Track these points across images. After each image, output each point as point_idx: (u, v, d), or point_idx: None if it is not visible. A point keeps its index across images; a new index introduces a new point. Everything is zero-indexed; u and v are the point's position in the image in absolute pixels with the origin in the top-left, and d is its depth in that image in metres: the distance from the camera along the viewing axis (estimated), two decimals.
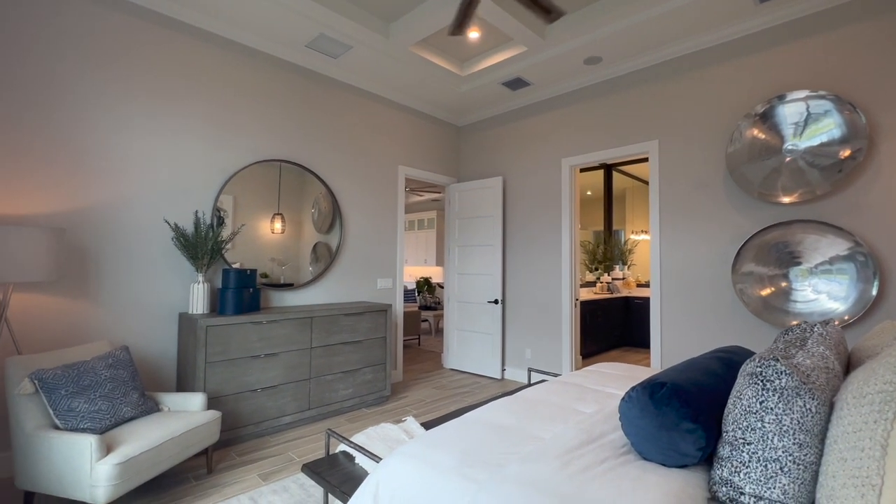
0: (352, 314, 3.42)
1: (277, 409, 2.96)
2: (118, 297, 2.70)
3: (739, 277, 2.96)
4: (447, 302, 4.93)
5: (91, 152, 2.62)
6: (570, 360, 4.03)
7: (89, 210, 2.61)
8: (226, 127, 3.20)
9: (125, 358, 2.32)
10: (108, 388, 2.13)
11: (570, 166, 4.12)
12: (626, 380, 2.14)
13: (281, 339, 2.99)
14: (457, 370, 4.82)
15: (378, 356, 3.61)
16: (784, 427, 0.96)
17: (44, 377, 1.96)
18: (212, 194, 3.13)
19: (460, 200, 4.89)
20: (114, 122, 2.70)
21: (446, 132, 5.01)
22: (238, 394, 2.78)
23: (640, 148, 3.64)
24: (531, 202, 4.40)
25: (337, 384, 3.31)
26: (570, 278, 4.06)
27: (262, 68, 3.41)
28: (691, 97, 3.36)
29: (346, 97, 4.00)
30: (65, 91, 2.53)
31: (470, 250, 4.76)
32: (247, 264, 3.25)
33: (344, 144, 3.97)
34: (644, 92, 3.63)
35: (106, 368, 2.18)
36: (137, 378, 2.31)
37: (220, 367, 2.70)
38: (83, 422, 1.97)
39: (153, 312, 2.84)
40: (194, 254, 2.85)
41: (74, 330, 2.55)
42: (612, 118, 3.84)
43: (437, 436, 1.43)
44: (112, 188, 2.69)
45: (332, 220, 3.80)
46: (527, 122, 4.50)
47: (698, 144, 3.30)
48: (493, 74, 4.01)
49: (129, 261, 2.76)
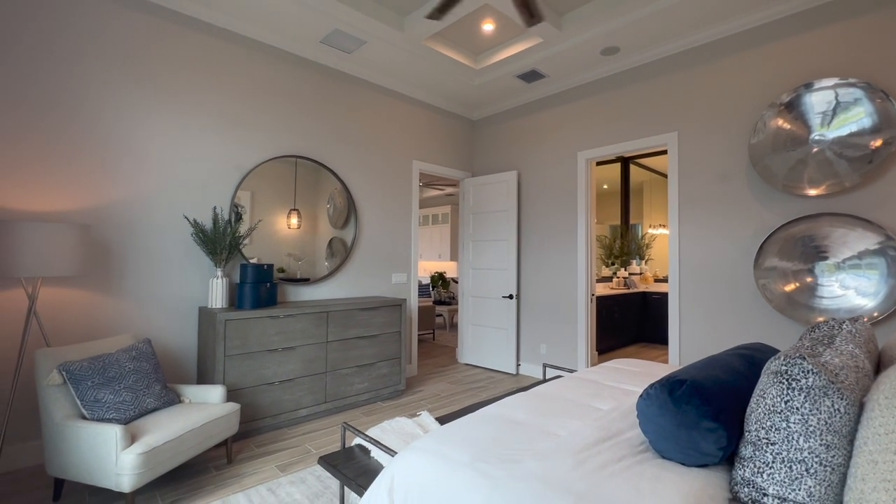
0: (367, 309, 3.45)
1: (294, 402, 3.01)
2: (140, 292, 2.78)
3: (762, 273, 2.88)
4: (461, 297, 4.93)
5: (113, 150, 2.68)
6: (585, 355, 3.99)
7: (112, 206, 2.68)
8: (242, 123, 3.24)
9: (147, 351, 2.38)
10: (132, 380, 2.19)
11: (587, 160, 4.06)
12: (643, 376, 2.11)
13: (298, 334, 3.03)
14: (471, 365, 4.82)
15: (393, 350, 3.63)
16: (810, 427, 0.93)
17: (71, 369, 2.03)
18: (229, 190, 3.18)
19: (474, 195, 4.86)
20: (134, 120, 2.76)
21: (460, 126, 4.98)
22: (256, 386, 2.83)
23: (658, 140, 3.56)
24: (546, 196, 4.35)
25: (352, 378, 3.34)
26: (586, 273, 4.01)
27: (277, 65, 3.44)
28: (712, 87, 3.26)
29: (360, 92, 4.00)
30: (86, 90, 2.59)
31: (484, 245, 4.74)
32: (264, 259, 3.30)
33: (358, 139, 3.99)
34: (663, 82, 3.54)
35: (130, 361, 2.24)
36: (159, 370, 2.37)
37: (238, 361, 2.75)
38: (109, 412, 2.03)
39: (174, 306, 2.91)
40: (213, 249, 2.90)
41: (99, 323, 2.62)
42: (629, 110, 3.76)
43: (452, 431, 1.43)
44: (133, 185, 2.76)
45: (348, 215, 3.82)
46: (542, 115, 4.44)
47: (719, 136, 3.21)
48: (508, 67, 3.96)
49: (151, 256, 2.82)
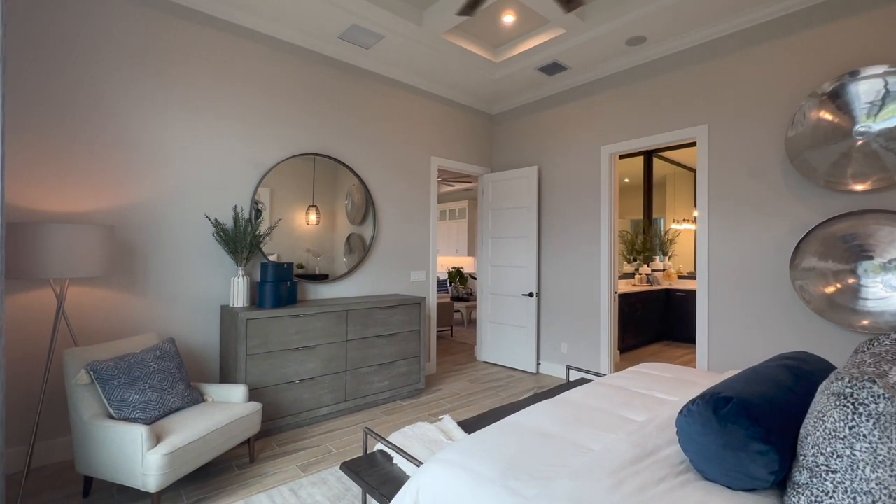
0: (386, 307, 3.42)
1: (315, 401, 3.01)
2: (164, 291, 2.80)
3: (799, 273, 2.73)
4: (480, 294, 4.87)
5: (135, 150, 2.70)
6: (608, 355, 3.90)
7: (135, 206, 2.70)
8: (262, 122, 3.23)
9: (171, 350, 2.39)
10: (157, 380, 2.21)
11: (610, 154, 3.93)
12: (674, 383, 2.02)
13: (318, 332, 3.03)
14: (490, 363, 4.77)
15: (412, 349, 3.60)
16: (879, 457, 0.85)
17: (98, 368, 2.05)
18: (249, 189, 3.17)
19: (493, 191, 4.78)
20: (154, 121, 2.77)
21: (479, 121, 4.89)
22: (277, 385, 2.83)
23: (686, 134, 3.41)
24: (568, 192, 4.24)
25: (372, 377, 3.33)
26: (609, 271, 3.90)
27: (295, 62, 3.41)
28: (745, 77, 3.10)
29: (377, 88, 3.95)
30: (106, 90, 2.60)
31: (504, 242, 4.66)
32: (283, 255, 3.30)
33: (376, 136, 3.94)
34: (692, 73, 3.38)
35: (154, 360, 2.26)
36: (183, 369, 2.39)
37: (259, 360, 2.76)
38: (134, 412, 2.05)
39: (196, 305, 2.93)
40: (234, 248, 2.91)
41: (125, 322, 2.66)
42: (655, 102, 3.61)
43: (479, 442, 1.39)
44: (156, 185, 2.77)
45: (366, 211, 3.79)
46: (563, 108, 4.31)
47: (752, 128, 3.06)
48: (529, 60, 3.85)
49: (173, 255, 2.84)
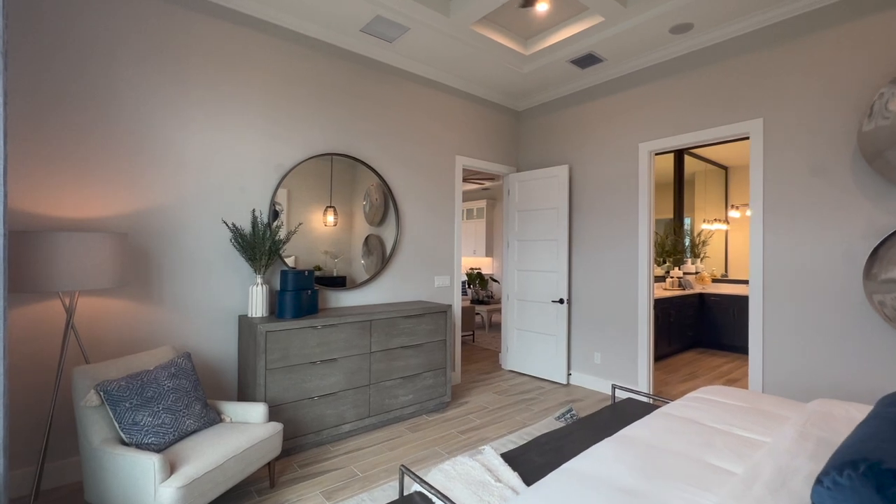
0: (411, 316, 3.22)
1: (337, 417, 2.83)
2: (179, 301, 2.65)
3: (878, 285, 2.44)
4: (506, 300, 4.64)
5: (149, 153, 2.54)
6: (647, 367, 3.63)
7: (148, 212, 2.55)
8: (281, 121, 3.06)
9: (187, 367, 2.23)
10: (171, 400, 2.04)
11: (649, 152, 3.66)
12: (753, 415, 1.77)
13: (340, 344, 2.84)
14: (516, 372, 4.54)
15: (438, 360, 3.40)
16: None
17: (108, 389, 1.90)
18: (268, 192, 3.01)
19: (520, 191, 4.54)
20: (170, 121, 2.61)
21: (505, 118, 4.66)
22: (298, 401, 2.66)
23: (738, 129, 3.13)
24: (601, 192, 3.99)
25: (397, 390, 3.14)
26: (648, 276, 3.63)
27: (316, 57, 3.23)
28: (808, 65, 2.81)
29: (400, 84, 3.75)
30: (123, 91, 2.45)
31: (531, 245, 4.42)
32: (301, 257, 3.13)
33: (398, 134, 3.74)
34: (745, 62, 3.10)
35: (168, 378, 2.10)
36: (199, 387, 2.22)
37: (279, 374, 2.59)
38: (147, 436, 1.89)
39: (213, 316, 2.77)
40: (252, 255, 2.74)
41: (138, 334, 2.51)
42: (702, 95, 3.33)
43: (548, 501, 1.17)
44: (170, 189, 2.62)
45: (384, 212, 3.60)
46: (596, 104, 4.05)
47: (816, 122, 2.77)
48: (562, 52, 3.60)
49: (189, 263, 2.69)
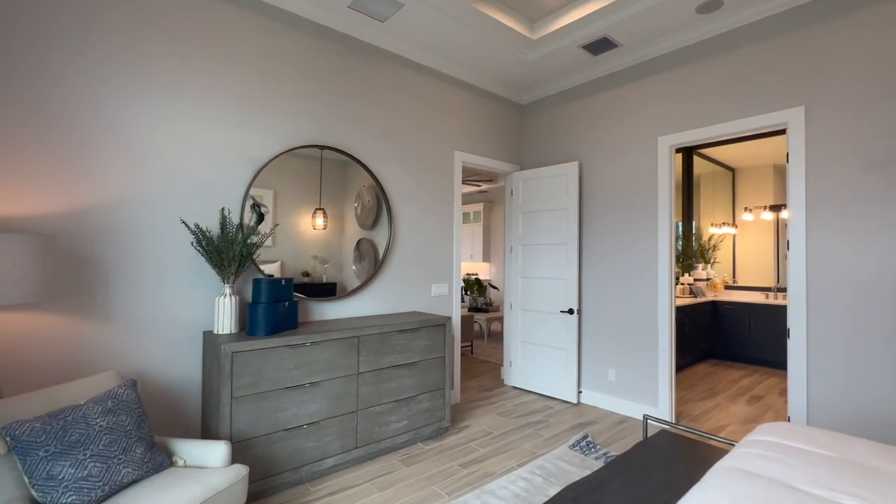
0: (406, 331, 2.83)
1: (319, 451, 2.41)
2: (130, 316, 2.23)
3: None
4: (508, 310, 4.25)
5: (94, 140, 2.13)
6: (669, 386, 3.26)
7: (93, 210, 2.13)
8: (255, 108, 2.66)
9: (129, 398, 1.81)
10: (104, 443, 1.63)
11: (670, 146, 3.31)
12: (848, 469, 1.39)
13: (323, 365, 2.44)
14: (521, 389, 4.15)
15: (436, 380, 3.00)
16: None
17: (17, 434, 1.48)
18: (241, 188, 2.60)
19: (525, 191, 4.17)
20: (123, 103, 2.20)
21: (507, 112, 4.30)
22: (271, 434, 2.24)
23: (774, 119, 2.79)
24: (616, 192, 3.62)
25: (388, 416, 2.73)
26: (669, 284, 3.27)
27: (298, 36, 2.84)
28: (861, 44, 2.47)
29: (392, 70, 3.37)
30: (63, 67, 2.04)
31: (537, 250, 4.05)
32: (289, 262, 2.73)
33: (392, 126, 3.36)
34: (783, 44, 2.76)
35: (102, 415, 1.68)
36: (144, 424, 1.81)
37: (248, 403, 2.17)
38: (67, 494, 1.47)
39: (174, 333, 2.35)
40: (219, 261, 2.33)
41: (74, 358, 2.08)
42: (730, 83, 2.99)
43: None
44: (121, 183, 2.21)
45: (377, 214, 3.21)
46: (609, 94, 3.70)
47: (870, 110, 2.42)
48: (573, 35, 3.25)
49: (144, 271, 2.27)
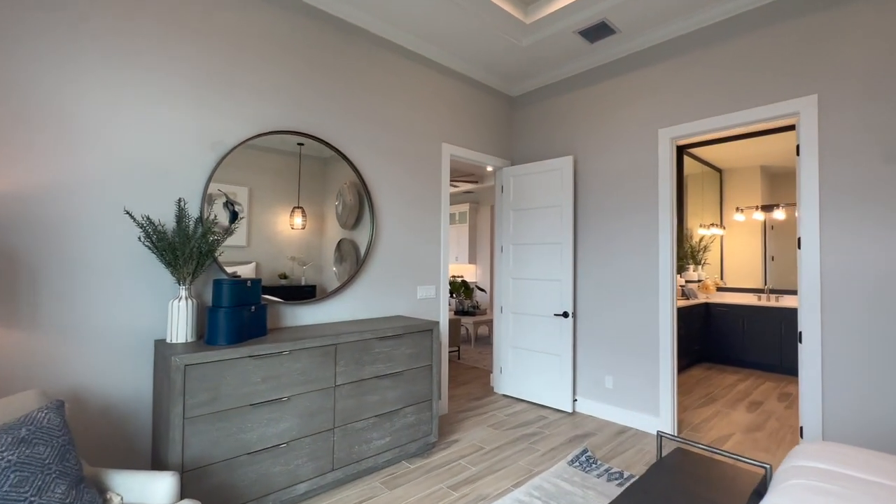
0: (389, 337, 2.55)
1: (289, 476, 2.11)
2: (64, 322, 1.89)
3: None
4: (498, 313, 4.01)
5: (23, 116, 1.80)
6: (670, 393, 3.05)
7: (17, 197, 1.80)
8: (220, 86, 2.36)
9: (52, 424, 1.49)
10: (12, 483, 1.31)
11: (671, 139, 3.12)
12: None
13: (294, 377, 2.14)
14: (512, 398, 3.91)
15: (422, 391, 2.73)
16: None
17: None
18: (202, 176, 2.29)
19: (516, 187, 3.94)
20: (61, 77, 1.88)
21: (497, 103, 4.07)
22: (233, 459, 1.94)
23: (784, 108, 2.62)
24: (614, 188, 3.42)
25: (370, 433, 2.44)
26: (671, 286, 3.07)
27: (268, 8, 2.55)
28: (881, 28, 2.32)
29: (375, 54, 3.10)
30: None
31: (529, 249, 3.82)
32: (265, 264, 2.44)
33: (373, 113, 3.09)
34: (795, 28, 2.60)
35: (12, 447, 1.36)
36: (70, 455, 1.49)
37: (206, 424, 1.87)
38: None
39: (119, 342, 2.03)
40: (174, 259, 2.02)
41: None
42: (736, 71, 2.82)
43: None
44: (51, 165, 1.88)
45: (359, 213, 2.93)
46: (606, 84, 3.50)
47: (891, 96, 2.27)
48: (569, 19, 3.04)
49: (81, 269, 1.94)
